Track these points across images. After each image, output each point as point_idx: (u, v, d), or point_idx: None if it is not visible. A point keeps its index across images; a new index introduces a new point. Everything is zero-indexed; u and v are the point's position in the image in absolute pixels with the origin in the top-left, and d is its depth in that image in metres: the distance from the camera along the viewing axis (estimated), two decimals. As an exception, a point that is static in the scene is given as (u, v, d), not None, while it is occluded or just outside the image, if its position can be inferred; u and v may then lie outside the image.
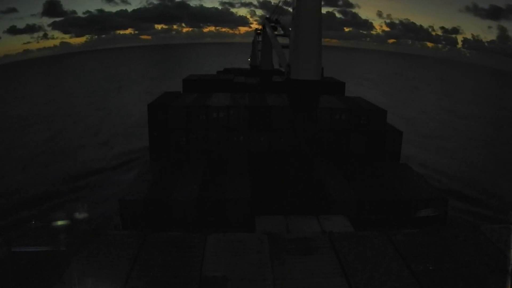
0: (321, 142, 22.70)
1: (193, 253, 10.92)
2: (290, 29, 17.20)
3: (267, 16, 39.17)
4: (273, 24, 34.86)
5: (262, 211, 16.46)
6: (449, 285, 9.75)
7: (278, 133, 23.02)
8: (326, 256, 10.97)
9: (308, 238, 11.84)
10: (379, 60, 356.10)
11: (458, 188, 34.20)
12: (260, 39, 52.90)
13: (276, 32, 31.28)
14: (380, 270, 10.36)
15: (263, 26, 44.98)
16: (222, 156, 22.86)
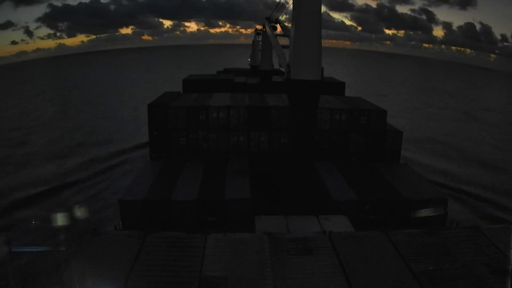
0: (321, 142, 22.71)
1: (193, 253, 10.90)
2: (291, 25, 17.17)
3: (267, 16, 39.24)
4: (273, 24, 34.89)
5: (262, 211, 16.45)
6: (449, 285, 9.75)
7: (278, 133, 23.01)
8: (326, 256, 10.96)
9: (308, 238, 11.83)
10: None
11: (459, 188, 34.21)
12: (260, 39, 53.08)
13: (276, 32, 31.30)
14: (380, 270, 10.36)
15: (263, 26, 45.06)
16: (222, 156, 22.87)
